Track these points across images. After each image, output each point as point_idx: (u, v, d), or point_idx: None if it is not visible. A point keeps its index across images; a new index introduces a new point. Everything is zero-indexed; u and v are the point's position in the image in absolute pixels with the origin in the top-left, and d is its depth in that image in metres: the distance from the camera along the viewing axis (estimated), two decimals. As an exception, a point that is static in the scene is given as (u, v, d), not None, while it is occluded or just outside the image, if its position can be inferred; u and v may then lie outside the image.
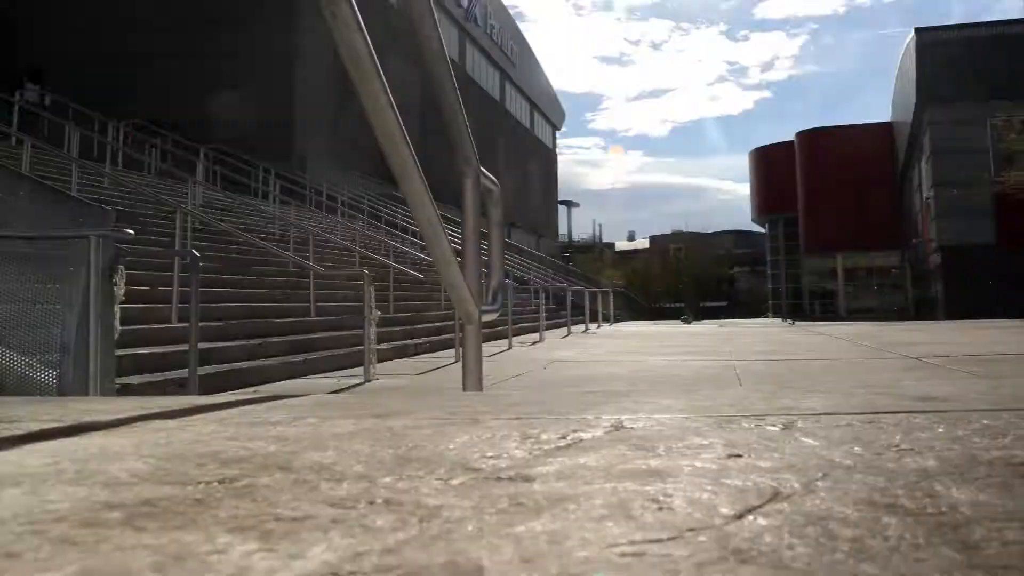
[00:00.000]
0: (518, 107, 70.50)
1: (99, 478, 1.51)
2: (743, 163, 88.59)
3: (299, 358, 11.00)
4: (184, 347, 7.91)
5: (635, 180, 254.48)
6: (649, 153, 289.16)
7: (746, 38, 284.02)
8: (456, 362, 11.80)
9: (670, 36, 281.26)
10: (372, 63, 2.64)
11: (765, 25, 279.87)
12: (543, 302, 21.61)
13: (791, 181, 62.10)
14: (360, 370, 10.29)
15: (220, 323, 11.10)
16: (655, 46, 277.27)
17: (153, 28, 34.00)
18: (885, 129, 60.09)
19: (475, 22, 56.67)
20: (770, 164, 67.16)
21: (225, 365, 9.70)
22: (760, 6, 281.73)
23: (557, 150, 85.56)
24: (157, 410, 2.53)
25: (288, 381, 9.92)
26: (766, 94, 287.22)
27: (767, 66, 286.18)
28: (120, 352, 6.81)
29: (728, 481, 1.42)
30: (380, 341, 11.10)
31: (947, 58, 44.51)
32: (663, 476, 1.46)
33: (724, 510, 1.25)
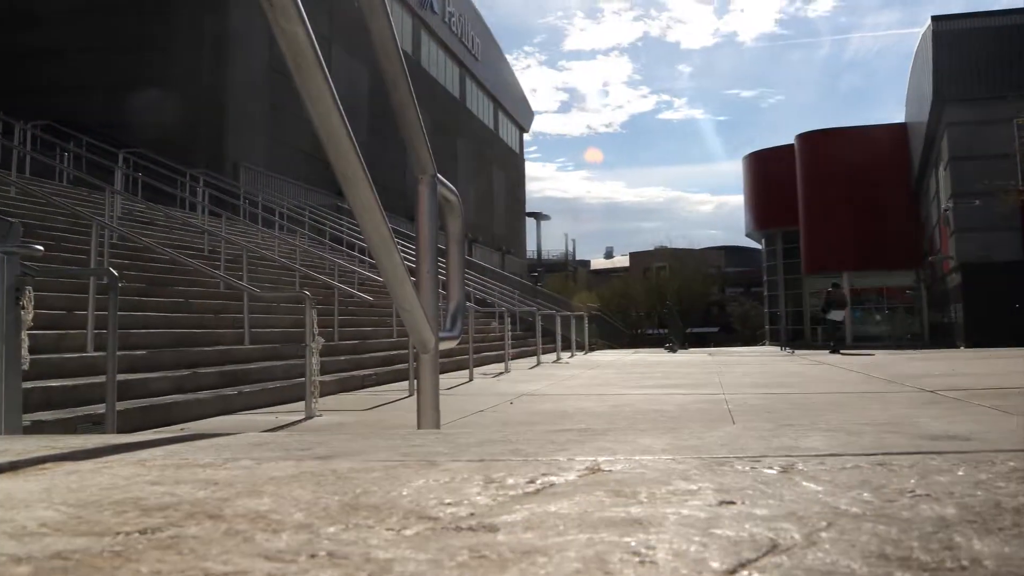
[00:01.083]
0: (480, 106, 70.63)
1: (4, 528, 1.50)
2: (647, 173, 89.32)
3: (232, 391, 10.94)
4: (101, 379, 7.85)
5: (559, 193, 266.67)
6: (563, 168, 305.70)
7: (567, 68, 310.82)
8: (410, 396, 11.77)
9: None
10: (315, 56, 2.64)
11: (579, 55, 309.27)
12: (509, 327, 21.59)
13: (791, 190, 62.32)
14: (301, 405, 10.24)
15: (142, 352, 11.03)
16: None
17: (63, 17, 33.84)
18: (898, 131, 60.19)
19: (431, 9, 56.75)
20: (767, 171, 67.31)
21: (148, 399, 9.62)
22: (567, 40, 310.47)
23: (525, 155, 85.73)
24: (70, 450, 2.52)
25: (219, 418, 9.85)
26: (621, 117, 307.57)
27: (603, 93, 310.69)
28: (28, 384, 6.74)
29: (719, 531, 1.42)
30: (324, 372, 11.05)
31: (968, 50, 44.55)
32: (645, 526, 1.46)
33: (714, 564, 1.25)
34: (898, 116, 62.38)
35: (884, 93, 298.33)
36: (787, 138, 62.66)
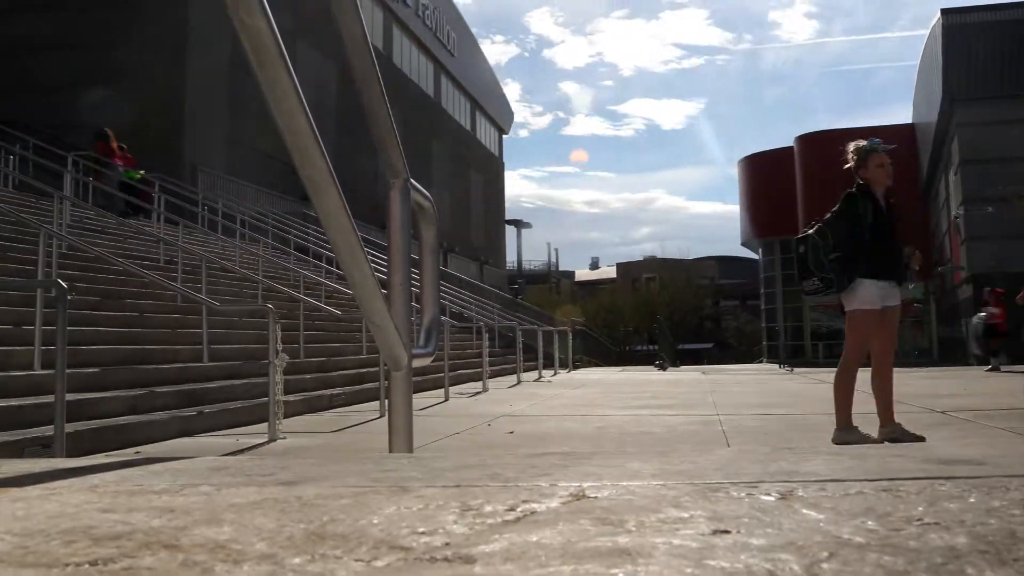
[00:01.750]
0: (457, 106, 70.52)
1: (-60, 562, 1.49)
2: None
3: (190, 412, 10.89)
4: (50, 399, 7.82)
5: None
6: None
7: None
8: (381, 417, 11.74)
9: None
10: (279, 52, 2.62)
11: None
12: (487, 343, 21.55)
13: (790, 196, 62.24)
14: (264, 426, 10.20)
15: (94, 369, 10.97)
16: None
17: (7, 12, 33.69)
18: (905, 133, 60.12)
19: (404, 2, 56.69)
20: (765, 176, 67.17)
21: (100, 421, 9.56)
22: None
23: (504, 158, 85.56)
24: (16, 475, 2.50)
25: (176, 440, 9.82)
26: (524, 133, 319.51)
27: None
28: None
29: (713, 563, 1.42)
30: (288, 391, 11.03)
31: (980, 46, 44.38)
32: (633, 556, 1.46)
33: (707, 597, 1.25)
34: (824, 126, 62.39)
35: (804, 104, 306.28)
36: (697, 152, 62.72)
